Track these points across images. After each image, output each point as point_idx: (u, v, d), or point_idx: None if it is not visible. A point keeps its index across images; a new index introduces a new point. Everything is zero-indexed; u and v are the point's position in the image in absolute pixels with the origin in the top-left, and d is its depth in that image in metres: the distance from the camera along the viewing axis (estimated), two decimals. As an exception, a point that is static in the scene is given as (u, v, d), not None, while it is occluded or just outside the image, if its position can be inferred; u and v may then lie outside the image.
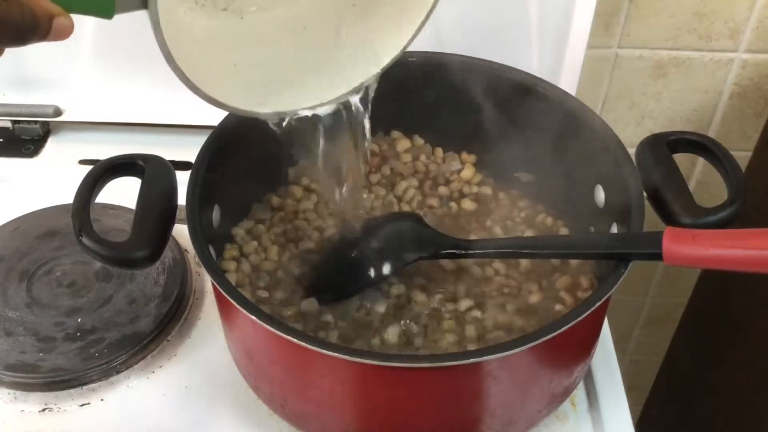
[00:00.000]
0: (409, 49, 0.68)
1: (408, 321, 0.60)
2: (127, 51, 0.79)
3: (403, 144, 0.72)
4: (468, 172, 0.71)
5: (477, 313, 0.61)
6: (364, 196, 0.70)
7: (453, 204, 0.70)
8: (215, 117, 0.63)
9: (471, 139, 0.72)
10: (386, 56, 0.56)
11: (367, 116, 0.58)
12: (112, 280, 0.70)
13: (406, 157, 0.72)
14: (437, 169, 0.72)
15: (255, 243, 0.66)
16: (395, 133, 0.73)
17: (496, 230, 0.68)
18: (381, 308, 0.61)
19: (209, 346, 0.67)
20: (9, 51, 0.86)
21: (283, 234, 0.67)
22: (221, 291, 0.52)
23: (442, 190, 0.71)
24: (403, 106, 0.70)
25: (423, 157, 0.72)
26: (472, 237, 0.67)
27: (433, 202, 0.70)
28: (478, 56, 0.68)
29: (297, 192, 0.70)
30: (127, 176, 0.60)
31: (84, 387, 0.64)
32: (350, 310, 0.61)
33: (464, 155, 0.72)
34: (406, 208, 0.69)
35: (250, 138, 0.65)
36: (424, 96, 0.70)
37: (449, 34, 0.76)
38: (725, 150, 0.59)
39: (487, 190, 0.71)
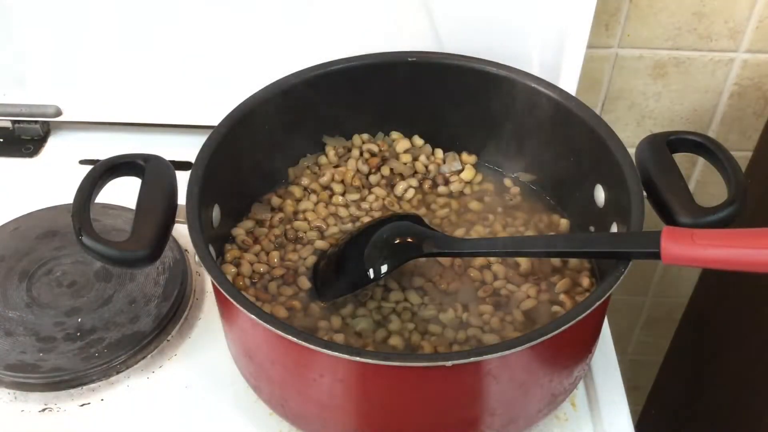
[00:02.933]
0: (409, 48, 0.69)
1: (406, 323, 0.61)
2: (127, 51, 0.79)
3: (403, 144, 0.72)
4: (468, 173, 0.71)
5: (475, 315, 0.61)
6: (364, 197, 0.70)
7: (453, 203, 0.70)
8: (215, 117, 0.63)
9: (471, 139, 0.72)
10: None
11: None
12: (112, 280, 0.70)
13: (405, 158, 0.72)
14: (437, 170, 0.72)
15: (255, 243, 0.66)
16: (395, 134, 0.73)
17: (496, 230, 0.68)
18: (377, 313, 0.61)
19: (209, 346, 0.67)
20: (9, 50, 0.86)
21: (282, 234, 0.67)
22: (221, 291, 0.52)
23: (442, 189, 0.71)
24: (403, 106, 0.70)
25: (423, 158, 0.72)
26: (472, 236, 0.67)
27: (433, 202, 0.70)
28: (477, 56, 0.68)
29: (297, 192, 0.70)
30: (127, 176, 0.59)
31: (84, 387, 0.64)
32: (348, 311, 0.61)
33: (464, 156, 0.72)
34: (406, 207, 0.69)
35: (250, 138, 0.65)
36: (424, 96, 0.70)
37: (449, 33, 0.76)
38: (725, 150, 0.59)
39: (488, 190, 0.71)
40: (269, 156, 0.69)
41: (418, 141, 0.73)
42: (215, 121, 0.63)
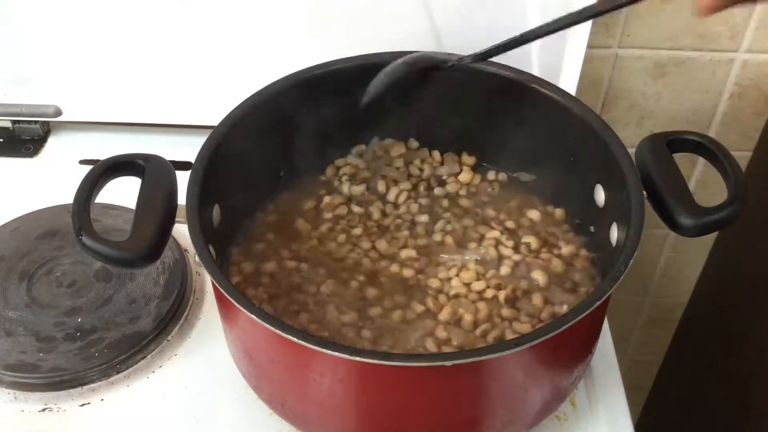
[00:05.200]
0: (408, 49, 0.69)
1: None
2: (127, 51, 0.80)
3: (398, 149, 0.72)
4: (466, 176, 0.71)
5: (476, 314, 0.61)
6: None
7: (449, 202, 0.70)
8: (215, 117, 0.63)
9: (470, 140, 0.72)
10: None
11: None
12: (112, 280, 0.70)
13: (398, 162, 0.71)
14: (432, 171, 0.71)
15: (255, 243, 0.66)
16: (388, 140, 0.72)
17: (497, 228, 0.68)
18: (378, 310, 0.61)
19: (209, 346, 0.67)
20: (8, 50, 0.86)
21: (282, 234, 0.67)
22: (221, 291, 0.52)
23: (438, 191, 0.70)
24: (402, 106, 0.70)
25: (417, 161, 0.72)
26: (473, 236, 0.67)
27: (428, 203, 0.70)
28: (477, 56, 0.68)
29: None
30: (127, 176, 0.59)
31: (84, 387, 0.64)
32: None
33: (464, 157, 0.72)
34: (403, 209, 0.69)
35: (250, 137, 0.65)
36: (424, 96, 0.70)
37: (448, 34, 0.76)
38: (725, 150, 0.59)
39: (484, 189, 0.71)
40: (269, 156, 0.69)
41: (413, 144, 0.73)
42: (215, 121, 0.63)
